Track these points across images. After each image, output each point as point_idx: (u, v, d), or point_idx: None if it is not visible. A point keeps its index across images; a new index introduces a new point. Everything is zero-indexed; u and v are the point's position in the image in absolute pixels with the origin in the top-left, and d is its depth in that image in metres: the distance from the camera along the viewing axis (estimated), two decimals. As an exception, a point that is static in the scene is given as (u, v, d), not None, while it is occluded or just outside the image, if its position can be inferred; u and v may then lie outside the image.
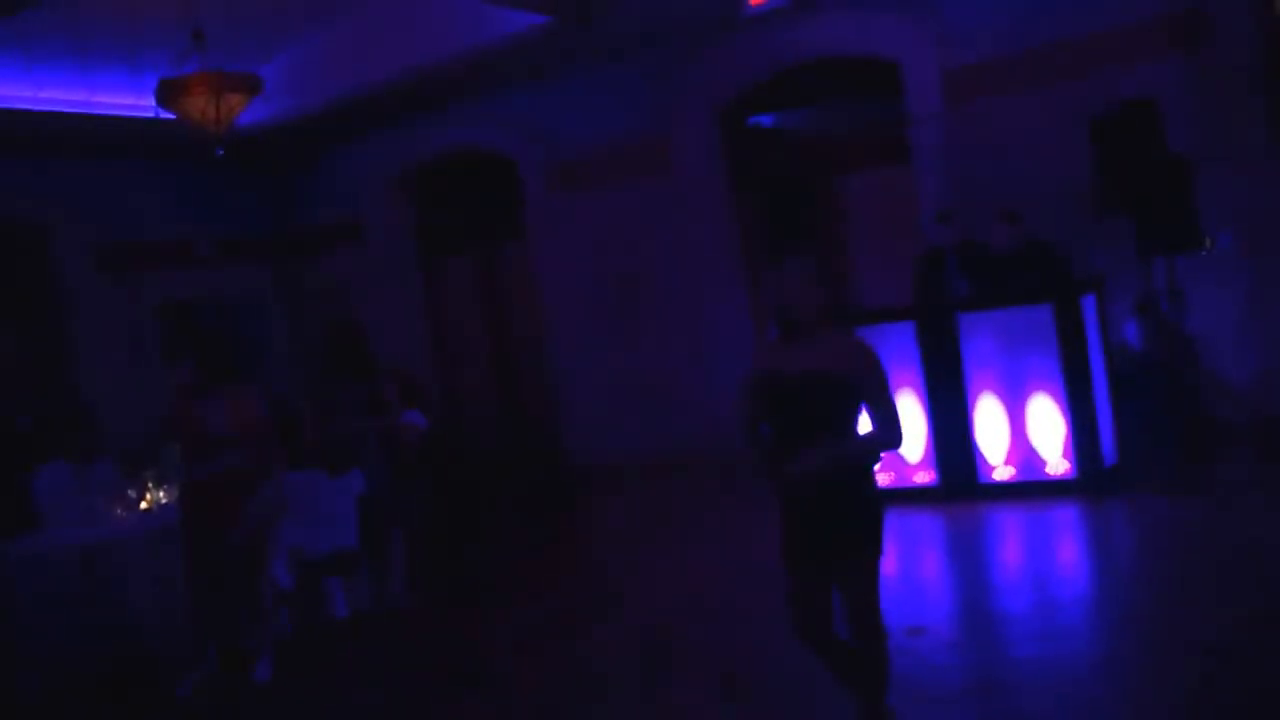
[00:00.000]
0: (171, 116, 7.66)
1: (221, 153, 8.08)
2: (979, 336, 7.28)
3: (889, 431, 3.62)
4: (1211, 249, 7.52)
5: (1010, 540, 6.81)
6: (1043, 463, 7.17)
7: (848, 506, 3.62)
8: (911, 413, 7.35)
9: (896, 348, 7.26)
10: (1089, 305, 7.18)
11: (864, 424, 3.69)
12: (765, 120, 10.22)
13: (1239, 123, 7.72)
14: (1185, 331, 7.57)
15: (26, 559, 6.09)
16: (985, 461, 7.33)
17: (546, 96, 10.47)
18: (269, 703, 5.56)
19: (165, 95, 7.44)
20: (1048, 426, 7.12)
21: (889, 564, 4.00)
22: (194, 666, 5.74)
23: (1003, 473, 7.29)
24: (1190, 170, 7.26)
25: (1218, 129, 7.71)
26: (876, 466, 3.76)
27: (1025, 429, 7.21)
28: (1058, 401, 7.05)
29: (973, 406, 7.32)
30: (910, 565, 6.36)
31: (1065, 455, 7.07)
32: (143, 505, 6.67)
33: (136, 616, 6.12)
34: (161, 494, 6.72)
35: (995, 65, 8.40)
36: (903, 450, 7.35)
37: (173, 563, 6.04)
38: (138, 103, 9.53)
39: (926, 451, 7.47)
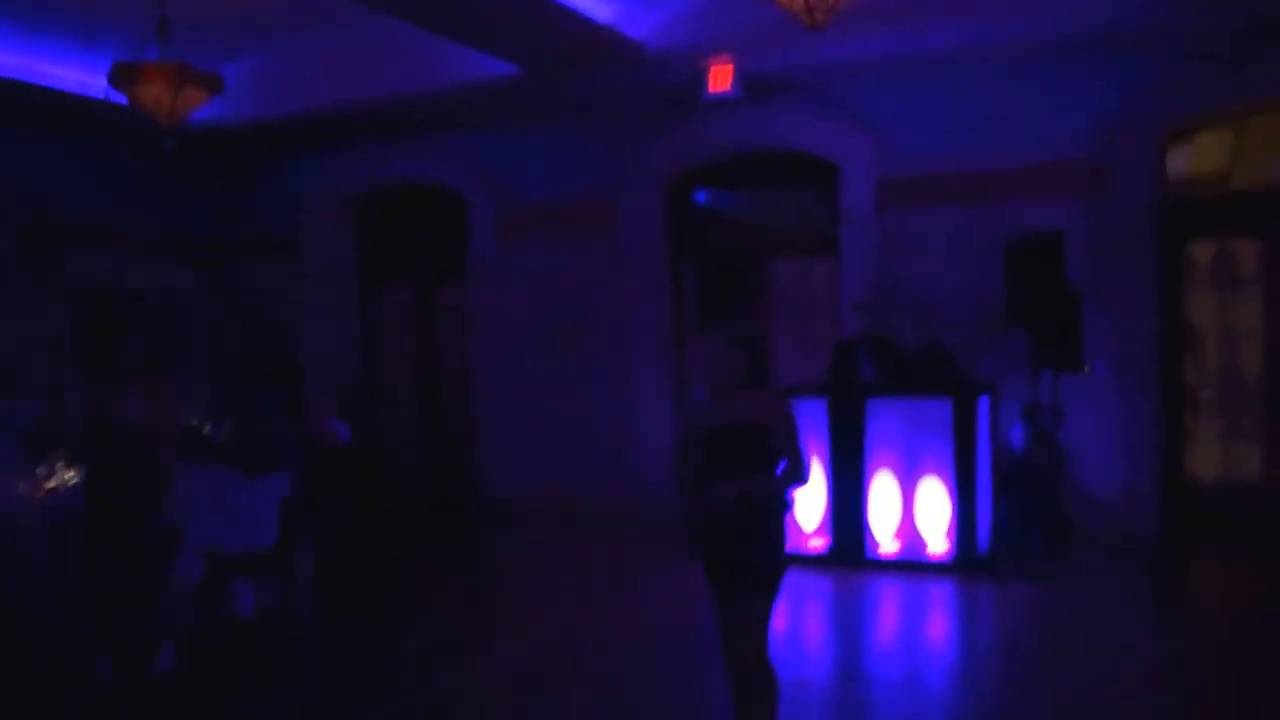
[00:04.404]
0: (123, 100, 7.46)
1: (171, 145, 8.01)
2: (883, 421, 7.99)
3: (795, 469, 4.24)
4: (1090, 372, 8.43)
5: (890, 610, 7.44)
6: (925, 543, 7.89)
7: (754, 543, 4.18)
8: (814, 483, 7.98)
9: (808, 421, 7.86)
10: (983, 406, 7.98)
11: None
12: (704, 197, 10.88)
13: (1124, 264, 8.71)
14: (1060, 442, 8.42)
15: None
16: (874, 536, 8.01)
17: (505, 144, 10.81)
18: (173, 693, 5.68)
19: (121, 79, 7.27)
20: (933, 511, 7.85)
21: (778, 620, 4.43)
22: (102, 650, 5.78)
23: (889, 548, 7.98)
24: (1080, 301, 8.18)
25: (1107, 267, 8.68)
26: (788, 513, 4.32)
27: (913, 511, 7.92)
28: (946, 489, 7.79)
29: (869, 484, 8.01)
30: (797, 624, 6.90)
31: (947, 538, 7.80)
32: (49, 485, 6.64)
33: (25, 596, 6.18)
34: (70, 475, 6.60)
35: (924, 181, 9.23)
36: (801, 520, 8.06)
37: (70, 547, 6.10)
38: (85, 79, 9.35)
39: (823, 520, 8.11)
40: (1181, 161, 9.20)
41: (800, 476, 4.23)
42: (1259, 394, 8.82)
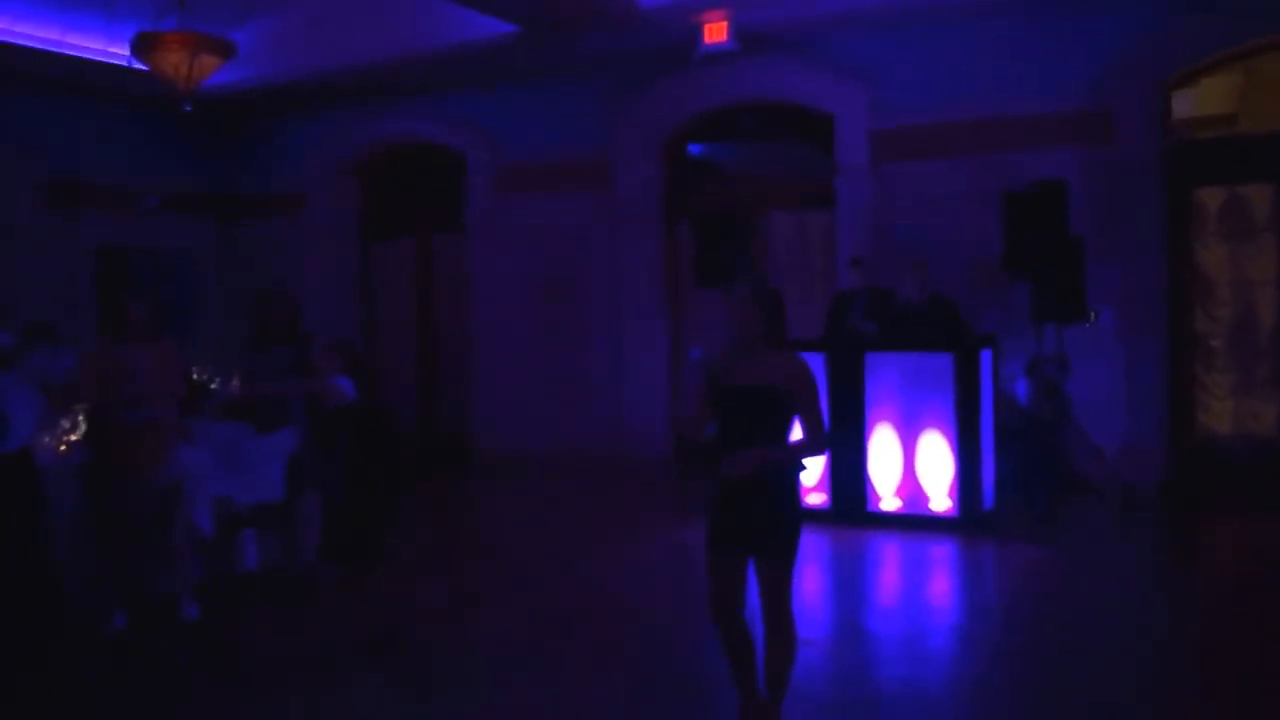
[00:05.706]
0: (144, 68, 7.85)
1: (190, 109, 8.31)
2: (883, 376, 7.83)
3: (815, 439, 4.06)
4: (1095, 323, 8.25)
5: (891, 568, 7.33)
6: (927, 499, 7.74)
7: (772, 508, 4.02)
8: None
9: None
10: (985, 359, 7.81)
11: (796, 433, 4.11)
12: (698, 150, 10.72)
13: (1129, 212, 8.51)
14: (1066, 393, 8.24)
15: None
16: (875, 491, 7.87)
17: (503, 102, 10.85)
18: (197, 642, 5.75)
19: (141, 48, 7.70)
20: (936, 466, 7.70)
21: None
22: (117, 604, 5.84)
23: (891, 504, 7.85)
24: (1084, 250, 7.97)
25: (1111, 216, 8.49)
26: (803, 474, 4.16)
27: (915, 466, 7.77)
28: (949, 444, 7.64)
29: (869, 440, 7.86)
30: (797, 582, 6.75)
31: (950, 495, 7.65)
32: (72, 437, 6.73)
33: (50, 547, 6.18)
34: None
35: (919, 133, 9.07)
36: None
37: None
38: (107, 49, 9.75)
39: (823, 476, 7.98)
40: (1187, 105, 8.95)
41: (820, 446, 4.08)
42: (1274, 346, 8.60)
